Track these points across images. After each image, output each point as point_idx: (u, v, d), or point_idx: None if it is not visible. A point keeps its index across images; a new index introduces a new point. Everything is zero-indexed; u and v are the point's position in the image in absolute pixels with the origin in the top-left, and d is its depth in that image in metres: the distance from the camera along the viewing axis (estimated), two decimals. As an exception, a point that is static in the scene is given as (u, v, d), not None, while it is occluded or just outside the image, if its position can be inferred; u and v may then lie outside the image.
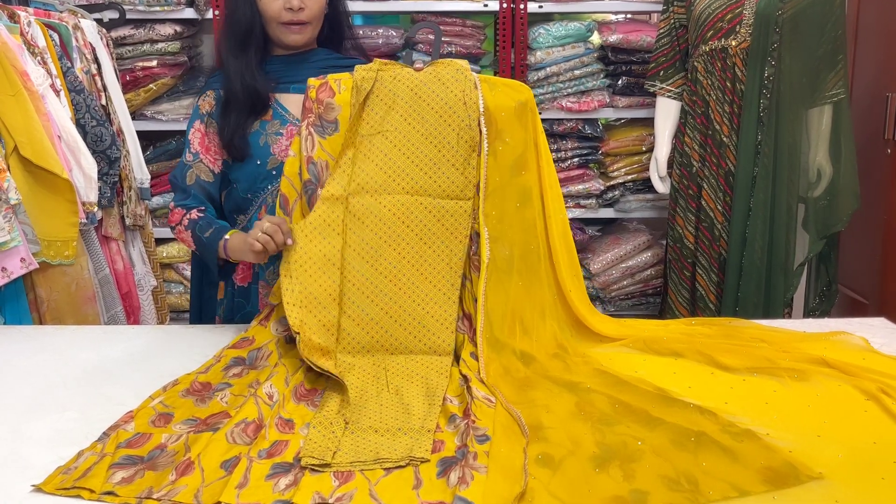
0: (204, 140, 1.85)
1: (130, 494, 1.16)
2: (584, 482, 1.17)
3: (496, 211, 1.66)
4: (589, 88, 3.29)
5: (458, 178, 1.62)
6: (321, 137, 1.67)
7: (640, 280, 3.44)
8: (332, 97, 1.67)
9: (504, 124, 1.69)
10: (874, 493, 1.14)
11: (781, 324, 1.82)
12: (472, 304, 1.64)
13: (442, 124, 1.63)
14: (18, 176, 2.13)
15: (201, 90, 1.91)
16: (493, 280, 1.63)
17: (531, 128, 1.72)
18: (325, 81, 1.69)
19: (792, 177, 2.71)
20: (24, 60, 2.19)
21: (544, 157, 1.72)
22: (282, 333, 1.66)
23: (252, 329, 1.69)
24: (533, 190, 1.70)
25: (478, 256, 1.64)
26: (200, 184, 1.84)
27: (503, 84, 1.73)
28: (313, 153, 1.66)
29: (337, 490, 1.16)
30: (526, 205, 1.69)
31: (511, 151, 1.69)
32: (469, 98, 1.64)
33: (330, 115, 1.67)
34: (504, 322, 1.62)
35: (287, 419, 1.37)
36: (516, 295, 1.65)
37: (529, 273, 1.68)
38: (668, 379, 1.51)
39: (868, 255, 3.08)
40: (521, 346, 1.61)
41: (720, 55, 2.70)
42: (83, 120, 2.41)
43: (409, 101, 1.64)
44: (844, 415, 1.37)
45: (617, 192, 3.42)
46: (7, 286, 2.12)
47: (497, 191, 1.67)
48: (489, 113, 1.67)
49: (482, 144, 1.65)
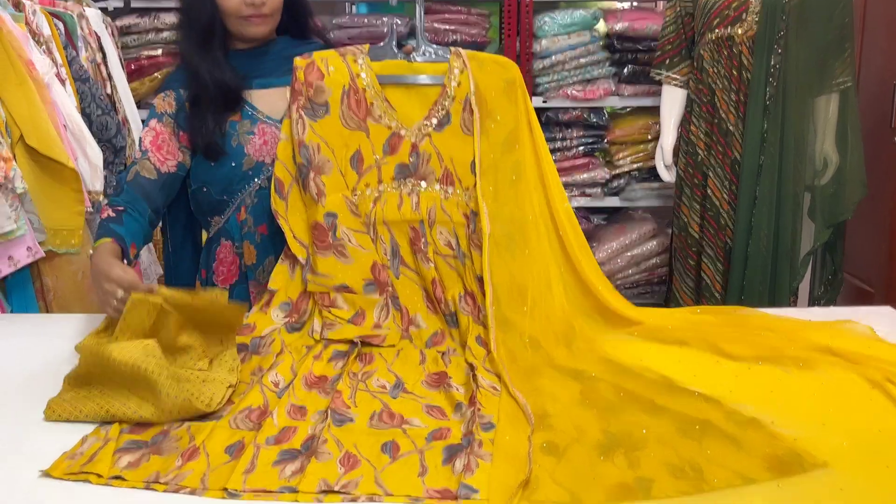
0: (157, 139, 1.78)
1: (138, 479, 1.17)
2: (588, 470, 1.17)
3: (492, 188, 1.66)
4: (594, 77, 3.28)
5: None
6: (312, 121, 1.66)
7: (645, 269, 3.44)
8: (322, 79, 1.67)
9: (494, 103, 1.70)
10: (879, 482, 1.14)
11: (787, 312, 1.82)
12: (476, 282, 1.64)
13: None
14: (24, 165, 2.13)
15: (159, 89, 1.84)
16: (494, 255, 1.62)
17: (521, 104, 1.73)
18: (312, 61, 1.68)
19: (798, 165, 2.70)
20: (30, 49, 2.19)
21: (536, 132, 1.74)
22: (283, 320, 1.66)
23: (253, 315, 1.69)
24: (527, 165, 1.71)
25: (477, 234, 1.65)
26: (139, 181, 1.75)
27: (491, 61, 1.74)
28: (304, 136, 1.65)
29: (343, 477, 1.16)
30: (520, 180, 1.69)
31: (502, 129, 1.70)
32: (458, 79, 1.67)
33: (320, 98, 1.67)
34: (511, 297, 1.62)
35: (299, 406, 1.38)
36: (520, 270, 1.65)
37: (531, 247, 1.67)
38: (673, 367, 1.50)
39: (874, 244, 3.08)
40: (528, 327, 1.61)
41: (726, 43, 2.69)
42: (88, 109, 2.42)
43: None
44: (850, 403, 1.37)
45: (622, 181, 3.42)
46: (13, 275, 2.13)
47: (490, 168, 1.67)
48: (479, 92, 1.68)
49: (475, 124, 1.66)
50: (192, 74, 1.76)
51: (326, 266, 1.64)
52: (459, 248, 1.70)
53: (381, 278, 1.67)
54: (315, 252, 1.65)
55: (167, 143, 1.79)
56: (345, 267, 1.65)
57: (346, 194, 1.69)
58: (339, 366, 1.53)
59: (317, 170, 1.66)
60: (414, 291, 1.70)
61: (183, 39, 1.80)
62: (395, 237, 1.71)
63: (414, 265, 1.71)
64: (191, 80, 1.77)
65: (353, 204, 1.69)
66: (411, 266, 1.71)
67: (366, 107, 1.70)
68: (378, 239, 1.70)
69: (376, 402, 1.40)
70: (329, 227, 1.65)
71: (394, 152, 1.72)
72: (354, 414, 1.36)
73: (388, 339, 1.62)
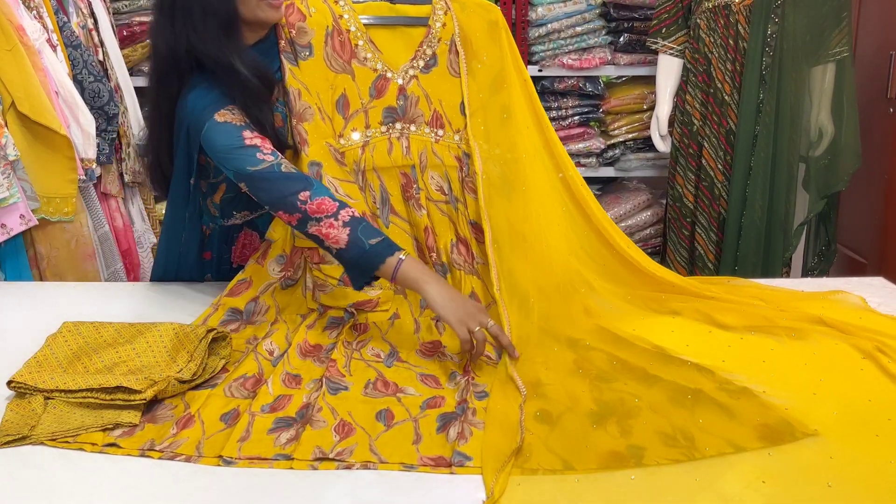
0: (267, 141, 1.55)
1: (133, 446, 1.17)
2: (581, 438, 1.19)
3: (483, 128, 1.66)
4: (590, 45, 3.25)
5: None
6: (293, 65, 1.64)
7: (639, 239, 3.44)
8: (304, 20, 1.66)
9: (479, 44, 1.70)
10: (869, 450, 1.15)
11: (780, 283, 1.82)
12: (469, 228, 1.63)
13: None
14: (16, 132, 2.11)
15: (202, 111, 1.56)
16: (490, 196, 1.62)
17: (506, 45, 1.74)
18: (292, 3, 1.65)
19: (793, 136, 2.69)
20: (20, 14, 2.16)
21: (524, 74, 1.75)
22: (278, 274, 1.65)
23: (249, 268, 1.68)
24: (517, 105, 1.71)
25: (470, 178, 1.64)
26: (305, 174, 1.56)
27: (474, 3, 1.75)
28: (285, 82, 1.63)
29: (337, 445, 1.17)
30: (511, 120, 1.69)
31: (489, 70, 1.70)
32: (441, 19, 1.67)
33: (303, 40, 1.65)
34: (510, 242, 1.62)
35: (294, 374, 1.38)
36: (516, 211, 1.64)
37: (528, 185, 1.67)
38: (667, 337, 1.51)
39: (868, 215, 3.08)
40: (528, 273, 1.59)
41: (723, 12, 2.67)
42: (80, 76, 2.39)
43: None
44: (840, 373, 1.38)
45: (617, 151, 3.40)
46: (7, 242, 2.12)
47: (480, 110, 1.67)
48: (464, 33, 1.68)
49: (461, 65, 1.66)
50: (229, 72, 1.56)
51: None
52: (452, 193, 1.69)
53: None
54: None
55: (269, 141, 1.57)
56: None
57: (329, 142, 1.66)
58: (333, 335, 1.53)
59: (298, 117, 1.63)
60: (404, 241, 1.69)
61: (199, 39, 1.55)
62: (385, 184, 1.69)
63: (405, 213, 1.70)
64: (230, 80, 1.56)
65: (337, 153, 1.66)
66: (402, 214, 1.70)
67: (350, 48, 1.68)
68: (367, 187, 1.68)
69: (371, 370, 1.41)
70: (314, 177, 1.58)
71: (381, 95, 1.70)
72: (349, 382, 1.36)
73: (380, 301, 1.61)
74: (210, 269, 1.87)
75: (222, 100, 1.56)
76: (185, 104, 1.58)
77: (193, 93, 1.57)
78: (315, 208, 1.46)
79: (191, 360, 1.35)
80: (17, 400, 1.28)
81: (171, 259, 1.86)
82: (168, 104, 1.62)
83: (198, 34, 1.55)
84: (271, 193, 1.50)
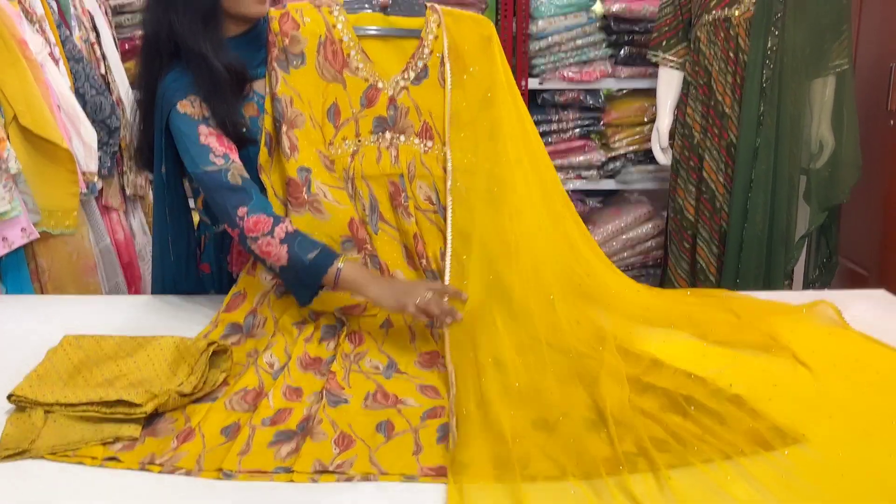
0: (221, 140, 1.60)
1: (133, 460, 1.17)
2: (577, 444, 1.19)
3: (470, 143, 1.67)
4: (591, 58, 3.27)
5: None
6: (285, 72, 1.65)
7: (640, 251, 3.44)
8: (297, 29, 1.66)
9: (470, 57, 1.71)
10: (859, 458, 1.17)
11: (781, 295, 1.82)
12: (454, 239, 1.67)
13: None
14: (18, 145, 2.12)
15: (171, 96, 1.62)
16: (467, 209, 1.64)
17: (498, 62, 1.75)
18: (286, 12, 1.67)
19: (794, 148, 2.70)
20: (23, 29, 2.17)
21: (515, 92, 1.76)
22: (270, 282, 1.65)
23: (242, 281, 1.68)
24: (507, 121, 1.72)
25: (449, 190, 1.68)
26: (251, 183, 1.58)
27: (468, 18, 1.77)
28: (277, 89, 1.64)
29: (337, 457, 1.17)
30: (500, 134, 1.70)
31: (478, 83, 1.71)
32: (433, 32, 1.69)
33: (296, 48, 1.66)
34: (500, 254, 1.62)
35: (295, 387, 1.38)
36: (502, 225, 1.65)
37: (518, 195, 1.68)
38: (662, 349, 1.52)
39: (869, 227, 3.08)
40: (515, 282, 1.60)
41: (723, 25, 2.68)
42: (82, 89, 2.40)
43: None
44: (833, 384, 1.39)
45: (618, 164, 3.41)
46: (8, 256, 2.12)
47: (469, 124, 1.68)
48: (455, 45, 1.69)
49: (446, 75, 1.68)
50: (199, 61, 1.59)
51: (302, 224, 1.58)
52: (440, 203, 1.70)
53: (359, 235, 1.65)
54: (290, 210, 1.61)
55: (226, 139, 1.62)
56: (321, 224, 1.61)
57: (320, 148, 1.66)
58: (331, 346, 1.53)
59: (289, 123, 1.63)
60: (393, 248, 1.70)
61: (179, 28, 1.60)
62: (373, 192, 1.70)
63: (394, 221, 1.70)
64: (199, 70, 1.60)
65: (327, 159, 1.67)
66: (391, 222, 1.70)
67: (342, 58, 1.69)
68: (356, 194, 1.69)
69: (370, 382, 1.41)
70: (303, 183, 1.61)
71: (371, 105, 1.71)
72: (349, 395, 1.36)
73: (367, 306, 1.61)
74: (213, 284, 1.87)
75: (189, 88, 1.61)
76: (161, 85, 1.65)
77: (170, 76, 1.64)
78: (251, 226, 1.51)
79: (192, 373, 1.35)
80: (18, 413, 1.28)
81: (166, 265, 1.86)
82: (151, 87, 1.68)
83: (178, 21, 1.60)
84: (216, 202, 1.59)
